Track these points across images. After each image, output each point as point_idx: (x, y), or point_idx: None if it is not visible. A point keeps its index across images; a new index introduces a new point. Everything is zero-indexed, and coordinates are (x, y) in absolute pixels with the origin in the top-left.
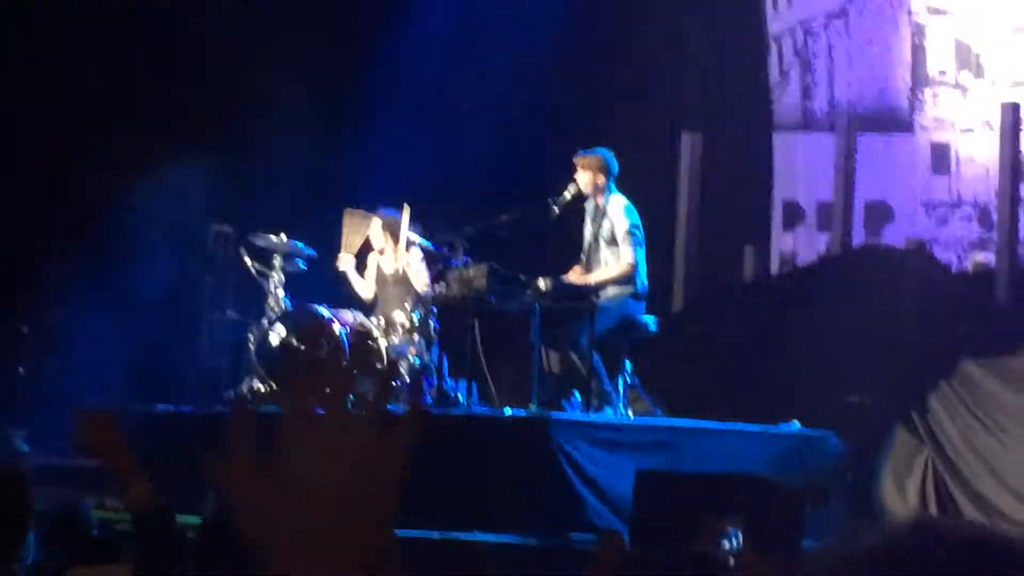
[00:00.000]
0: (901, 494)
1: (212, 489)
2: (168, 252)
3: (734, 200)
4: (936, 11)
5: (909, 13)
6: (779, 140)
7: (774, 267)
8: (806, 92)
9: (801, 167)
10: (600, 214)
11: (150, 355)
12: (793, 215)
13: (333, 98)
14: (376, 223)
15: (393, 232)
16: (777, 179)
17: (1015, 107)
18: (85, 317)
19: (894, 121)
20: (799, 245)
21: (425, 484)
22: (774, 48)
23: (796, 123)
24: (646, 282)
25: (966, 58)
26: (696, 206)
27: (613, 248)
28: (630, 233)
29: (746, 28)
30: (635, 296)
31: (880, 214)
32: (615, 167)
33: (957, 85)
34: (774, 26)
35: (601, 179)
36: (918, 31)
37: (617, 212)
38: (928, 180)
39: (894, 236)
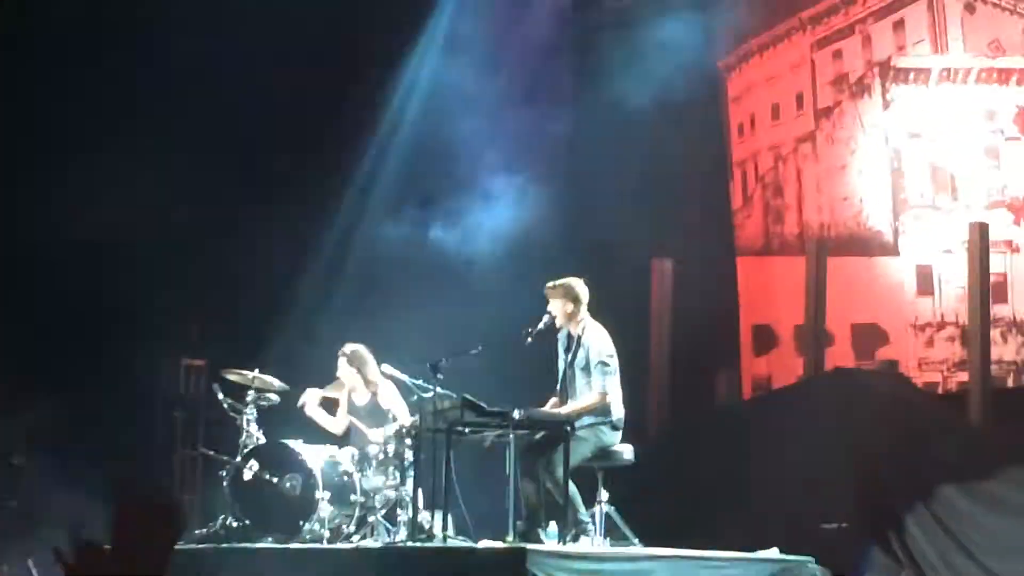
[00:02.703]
0: None
1: None
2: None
3: (705, 325)
4: (913, 135)
5: (886, 139)
6: (745, 265)
7: (747, 392)
8: (776, 216)
9: (774, 291)
10: (575, 343)
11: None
12: (766, 339)
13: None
14: (341, 360)
15: (359, 366)
16: (746, 304)
17: (983, 226)
18: (63, 455)
19: (876, 244)
20: (773, 369)
21: None
22: (737, 174)
23: (763, 248)
24: (622, 410)
25: (942, 181)
26: (668, 332)
27: (588, 376)
28: (603, 363)
29: (710, 155)
30: (611, 425)
31: (871, 336)
32: (584, 295)
33: (935, 207)
34: (738, 152)
35: (571, 307)
36: (896, 155)
37: (591, 340)
38: (914, 302)
39: (884, 358)
